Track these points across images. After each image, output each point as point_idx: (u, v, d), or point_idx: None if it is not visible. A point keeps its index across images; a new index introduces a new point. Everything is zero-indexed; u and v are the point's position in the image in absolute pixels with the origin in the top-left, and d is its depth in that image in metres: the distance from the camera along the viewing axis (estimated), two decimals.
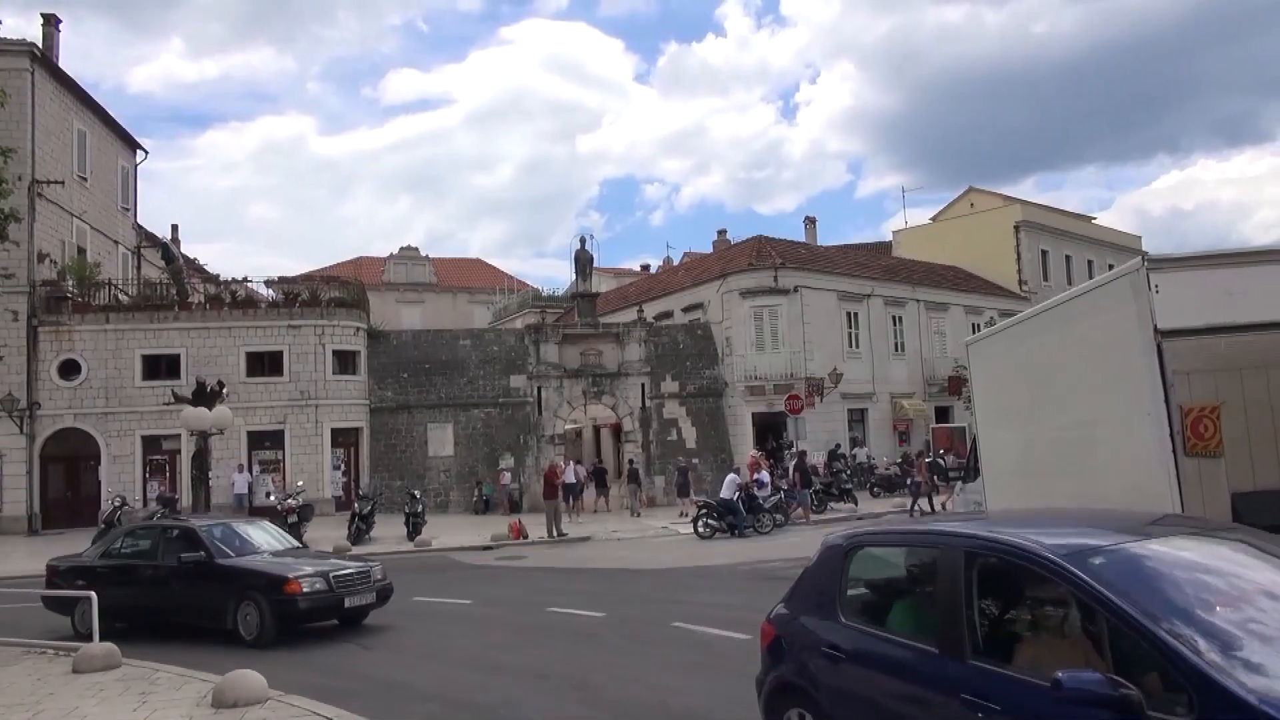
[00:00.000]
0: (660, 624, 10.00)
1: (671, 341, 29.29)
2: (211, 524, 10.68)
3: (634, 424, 27.96)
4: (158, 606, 10.18)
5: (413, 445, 26.86)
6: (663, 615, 10.45)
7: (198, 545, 10.11)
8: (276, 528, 11.58)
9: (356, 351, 26.84)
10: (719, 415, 28.76)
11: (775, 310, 28.69)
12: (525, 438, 27.40)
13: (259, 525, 11.27)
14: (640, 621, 10.20)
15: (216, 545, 10.17)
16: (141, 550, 10.57)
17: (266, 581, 9.56)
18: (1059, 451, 7.83)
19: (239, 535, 10.59)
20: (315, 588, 9.61)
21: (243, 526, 10.91)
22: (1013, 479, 9.23)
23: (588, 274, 29.40)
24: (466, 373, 27.78)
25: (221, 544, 10.23)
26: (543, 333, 28.08)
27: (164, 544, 10.35)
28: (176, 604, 10.05)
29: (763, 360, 28.27)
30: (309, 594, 9.53)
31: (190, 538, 10.23)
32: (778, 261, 29.32)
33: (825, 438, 28.48)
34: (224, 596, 9.63)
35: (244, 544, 10.44)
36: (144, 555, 10.44)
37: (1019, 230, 38.42)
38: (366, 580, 10.12)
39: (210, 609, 9.73)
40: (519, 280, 52.21)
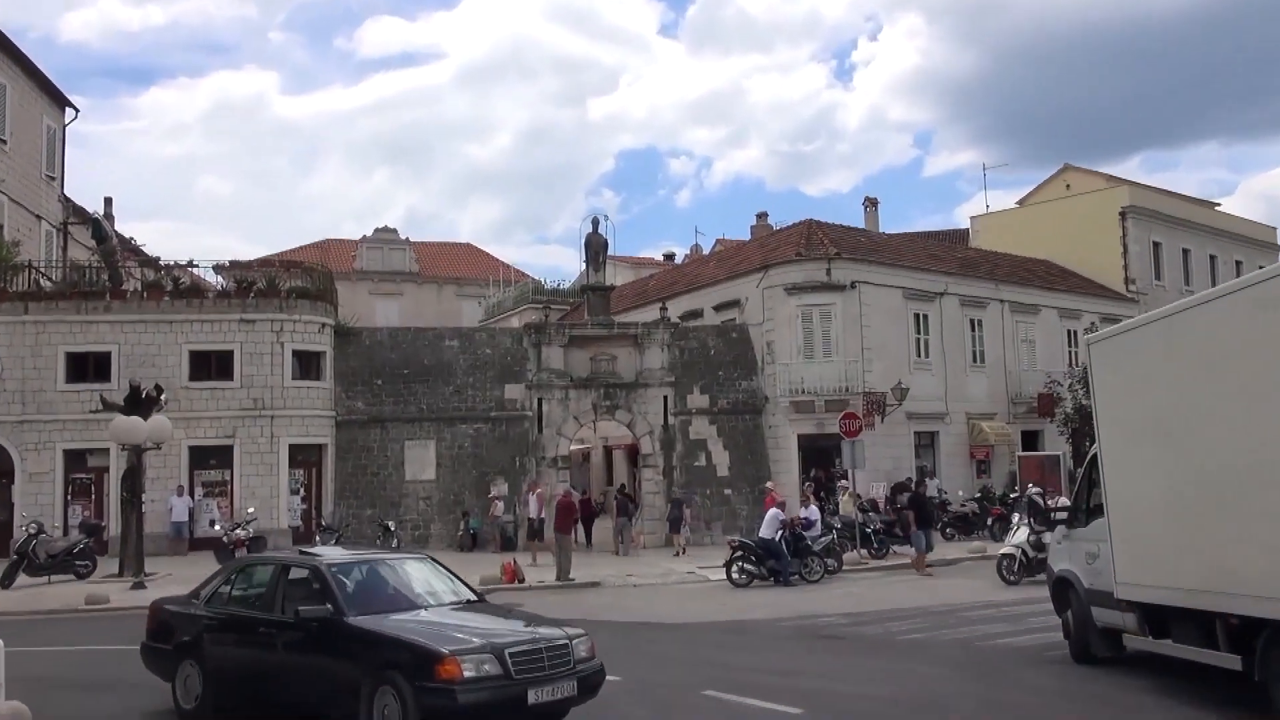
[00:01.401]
0: (689, 691, 9.86)
1: (701, 346, 29.18)
2: (350, 560, 9.00)
3: (654, 445, 27.88)
4: (267, 682, 8.50)
5: (387, 466, 26.85)
6: (691, 680, 10.31)
7: (323, 593, 8.36)
8: (446, 569, 9.53)
9: (321, 352, 26.90)
10: (757, 437, 28.62)
11: (827, 310, 28.53)
12: (522, 460, 27.34)
13: (422, 563, 9.42)
14: (664, 688, 10.06)
15: (348, 594, 8.38)
16: (253, 595, 9.05)
17: (410, 657, 7.51)
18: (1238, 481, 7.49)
19: (388, 580, 8.90)
20: (483, 671, 7.47)
21: (397, 566, 9.17)
22: (1160, 521, 8.84)
23: (600, 264, 29.40)
24: (453, 380, 27.78)
25: (358, 593, 8.47)
26: (545, 333, 28.06)
27: (282, 587, 8.74)
28: (289, 681, 8.30)
29: (811, 371, 28.10)
30: (472, 681, 7.37)
31: (315, 580, 8.54)
32: (831, 251, 29.16)
33: (887, 466, 28.25)
34: (353, 675, 7.70)
35: (394, 593, 8.71)
36: (255, 603, 8.91)
37: (1125, 218, 38.05)
38: (564, 660, 7.93)
39: (332, 694, 7.86)
40: (517, 270, 52.39)
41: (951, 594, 17.13)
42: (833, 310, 28.52)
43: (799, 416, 28.18)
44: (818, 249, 29.53)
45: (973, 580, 18.68)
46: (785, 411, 28.28)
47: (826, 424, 26.88)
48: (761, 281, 29.36)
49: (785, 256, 29.59)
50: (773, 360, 28.65)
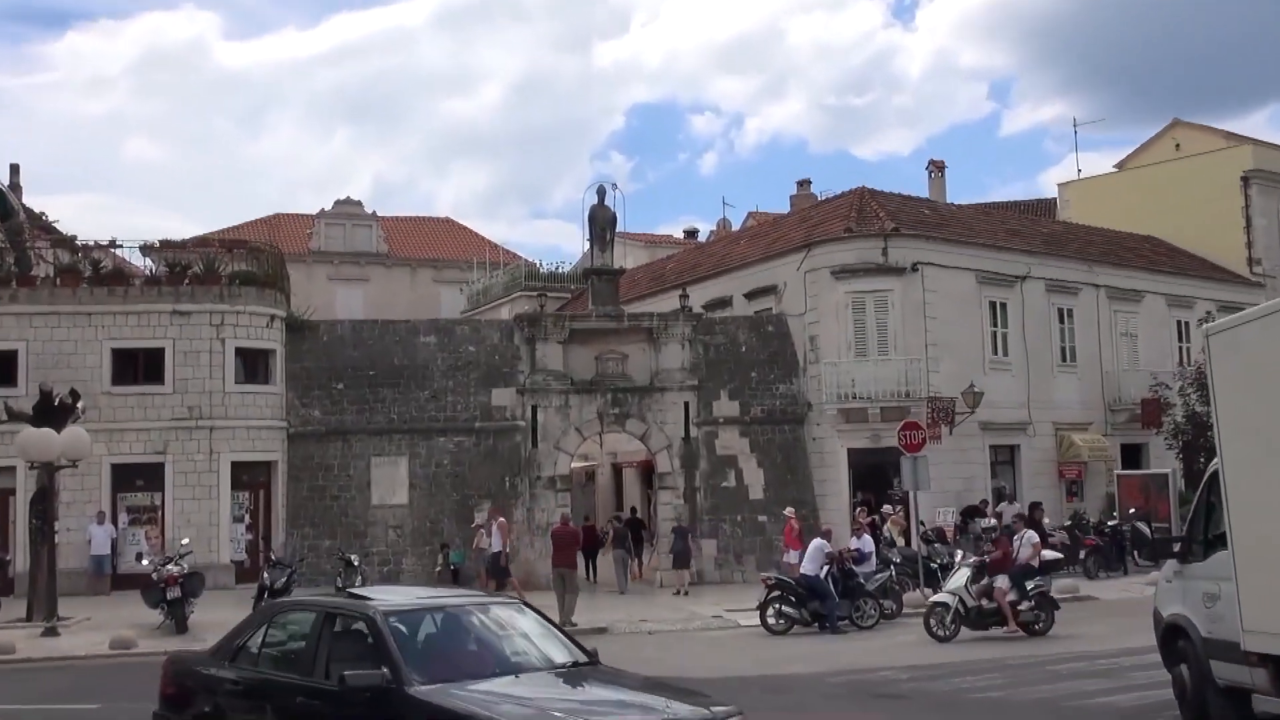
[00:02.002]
0: None
1: (729, 342, 29.13)
2: (416, 606, 8.23)
3: (673, 462, 27.86)
4: None
5: (349, 488, 26.90)
6: None
7: (377, 652, 7.45)
8: (545, 618, 8.70)
9: (270, 350, 26.96)
10: (799, 451, 28.57)
11: (884, 298, 28.44)
12: (513, 480, 27.37)
13: (514, 610, 8.58)
14: None
15: (413, 654, 7.49)
16: (290, 652, 8.34)
17: None
18: None
19: (468, 634, 8.05)
20: None
21: (480, 614, 8.29)
22: None
23: (607, 242, 29.41)
24: (429, 383, 27.81)
25: (427, 652, 7.63)
26: (541, 326, 28.07)
27: (325, 642, 7.92)
28: None
29: (864, 371, 28.02)
30: None
31: (368, 634, 7.64)
32: (887, 226, 29.08)
33: (957, 487, 28.17)
34: None
35: (476, 653, 7.85)
36: (292, 662, 8.20)
37: (1249, 184, 37.78)
38: None
39: None
40: (507, 251, 52.46)
41: (1034, 644, 17.00)
42: (890, 298, 28.40)
43: (849, 427, 28.08)
44: (871, 223, 29.42)
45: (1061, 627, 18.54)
46: (832, 421, 28.18)
47: (883, 436, 26.77)
48: (803, 263, 29.28)
49: (832, 233, 29.50)
50: (817, 359, 28.55)
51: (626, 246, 43.09)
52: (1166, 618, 11.56)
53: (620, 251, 35.52)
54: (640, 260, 44.97)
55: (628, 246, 43.90)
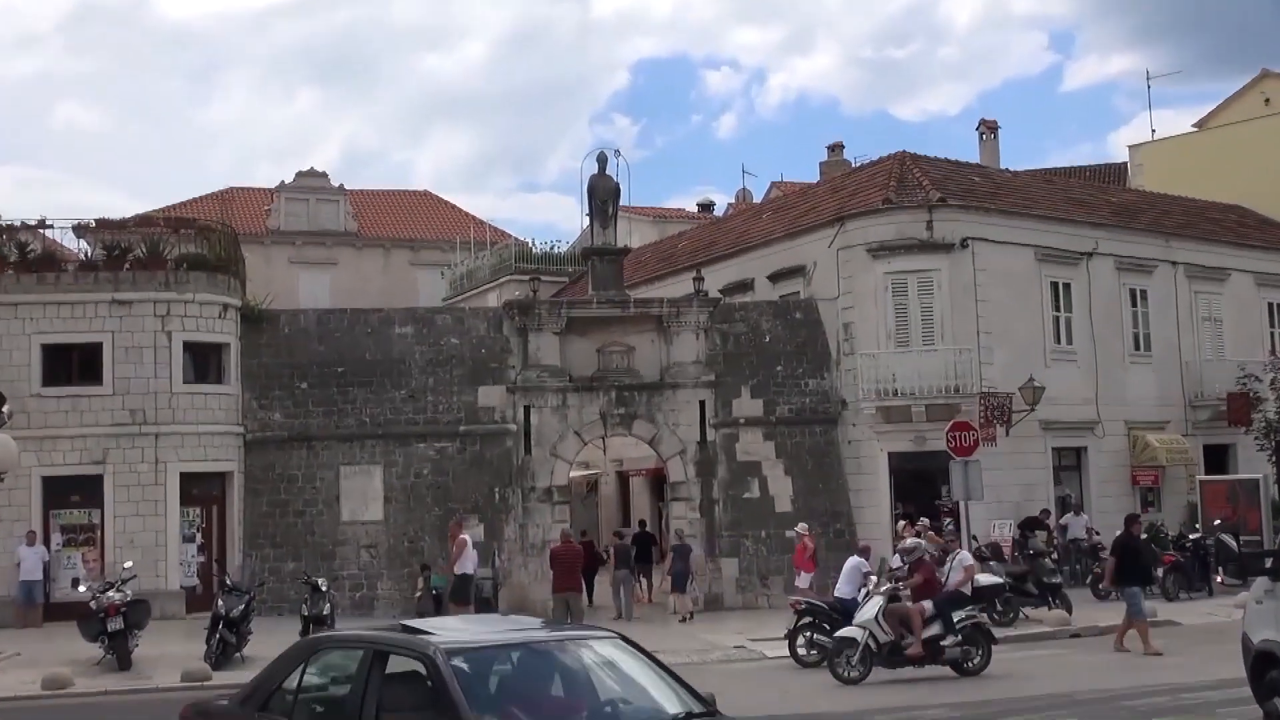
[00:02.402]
0: None
1: (751, 331, 29.16)
2: (488, 642, 7.63)
3: (687, 470, 27.87)
4: None
5: (315, 502, 26.94)
6: None
7: (437, 700, 7.02)
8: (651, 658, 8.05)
9: (224, 345, 26.99)
10: (832, 457, 28.60)
11: (929, 279, 28.40)
12: (503, 491, 27.40)
13: (612, 646, 7.91)
14: None
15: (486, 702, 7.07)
16: (333, 699, 7.96)
17: None
18: None
19: (554, 677, 7.59)
20: None
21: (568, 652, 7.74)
22: None
23: (610, 218, 29.42)
24: (406, 381, 27.84)
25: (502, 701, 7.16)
26: (534, 315, 28.07)
27: (374, 688, 7.49)
28: None
29: (907, 364, 27.98)
30: None
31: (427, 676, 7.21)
32: (932, 196, 29.03)
33: (1014, 496, 28.16)
34: None
35: (565, 703, 7.42)
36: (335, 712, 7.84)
37: None
38: None
39: None
40: (495, 228, 52.44)
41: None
42: (936, 279, 28.37)
43: (890, 428, 28.06)
44: (914, 193, 29.36)
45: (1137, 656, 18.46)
46: (870, 421, 28.17)
47: (929, 438, 26.74)
48: (836, 240, 29.24)
49: (868, 204, 29.47)
50: (852, 350, 28.54)
51: (632, 222, 43.08)
52: (1257, 644, 11.52)
53: (625, 228, 35.45)
54: (648, 238, 44.87)
55: (633, 222, 43.89)
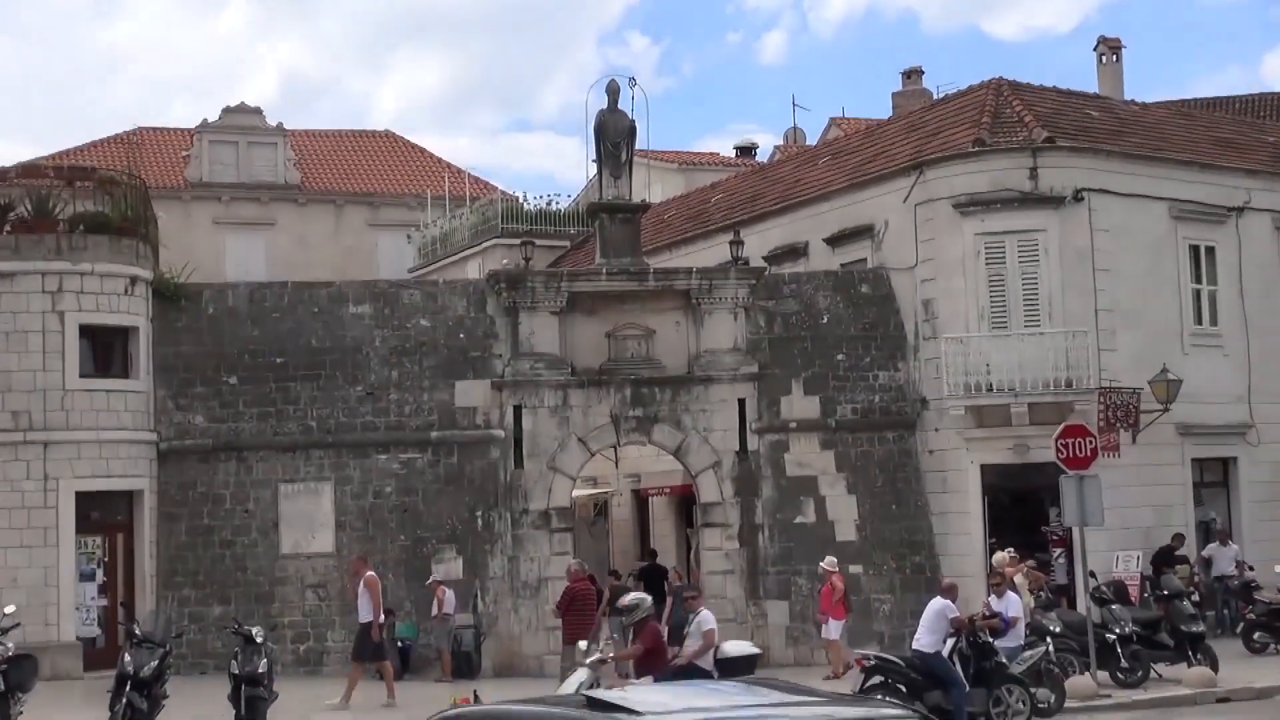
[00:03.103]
0: None
1: (805, 310, 29.08)
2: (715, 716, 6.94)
3: (723, 488, 27.80)
4: None
5: (248, 529, 26.92)
6: None
7: None
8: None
9: (130, 328, 26.96)
10: (909, 470, 28.52)
11: (1033, 242, 28.26)
12: (489, 515, 27.36)
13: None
14: None
15: None
16: None
17: None
18: None
19: None
20: None
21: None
22: None
23: (623, 165, 29.32)
24: (363, 375, 27.78)
25: None
26: (526, 290, 28.00)
27: None
28: None
29: (1006, 351, 27.83)
30: None
31: None
32: (1038, 135, 28.84)
33: (1144, 519, 28.05)
34: None
35: None
36: None
37: None
38: None
39: None
40: (476, 179, 52.27)
41: None
42: (1042, 242, 28.22)
43: (983, 434, 27.96)
44: (1014, 132, 29.20)
45: None
46: (958, 425, 28.06)
47: (1033, 446, 26.61)
48: (913, 192, 29.12)
49: (956, 146, 29.32)
50: (934, 333, 28.44)
51: (652, 171, 42.84)
52: None
53: (642, 179, 35.27)
54: (672, 191, 44.68)
55: (653, 171, 43.66)
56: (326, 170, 51.93)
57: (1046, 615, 22.78)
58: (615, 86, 29.33)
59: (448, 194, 46.43)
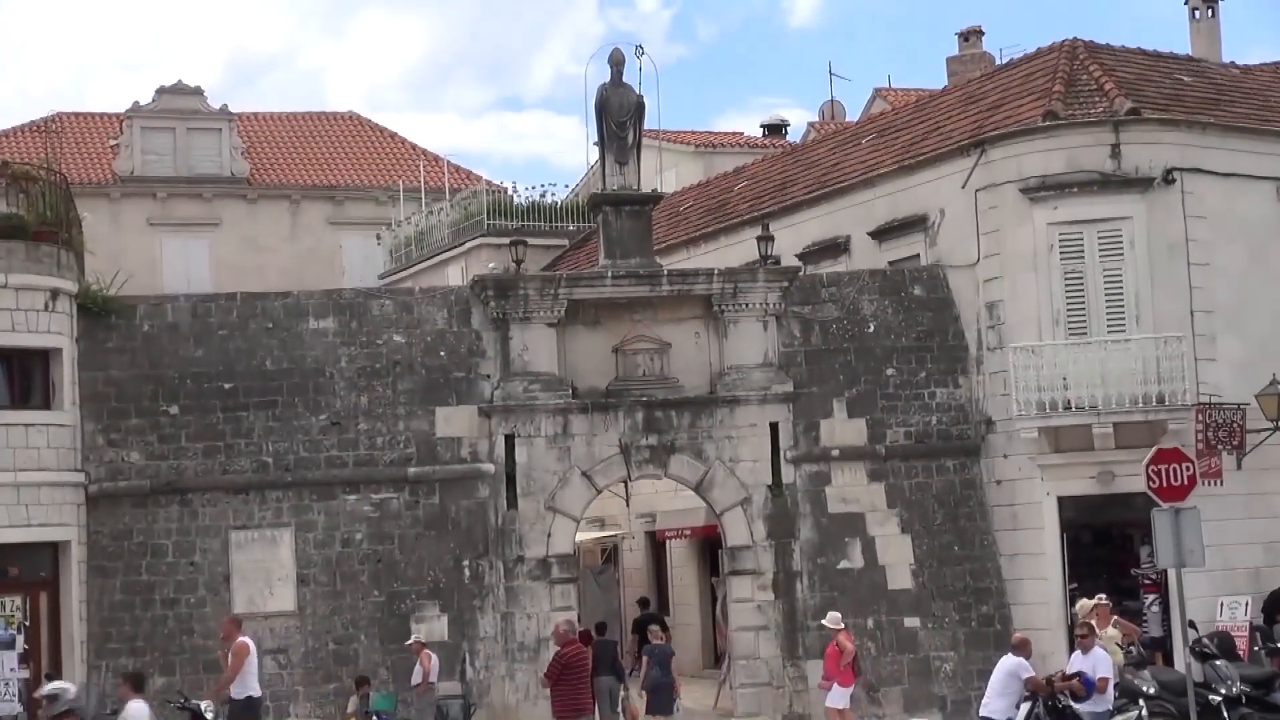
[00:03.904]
0: None
1: (847, 315, 29.17)
2: None
3: (752, 528, 27.88)
4: None
5: (195, 586, 26.93)
6: None
7: None
8: None
9: (52, 350, 27.02)
10: (973, 504, 28.58)
11: (1116, 232, 28.28)
12: (478, 565, 27.42)
13: None
14: None
15: None
16: None
17: None
18: None
19: None
20: None
21: None
22: None
23: (631, 148, 29.42)
24: (327, 401, 27.83)
25: None
26: (518, 298, 28.06)
27: None
28: None
29: (1085, 362, 27.81)
30: None
31: None
32: (1121, 106, 28.88)
33: (1252, 558, 27.96)
34: None
35: None
36: None
37: None
38: None
39: None
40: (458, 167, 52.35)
41: None
42: (1127, 231, 28.23)
43: (1059, 460, 27.99)
44: (1091, 102, 29.26)
45: None
46: (1030, 449, 28.07)
47: (1119, 473, 26.68)
48: (973, 176, 29.16)
49: (1022, 120, 29.35)
50: (1000, 342, 28.48)
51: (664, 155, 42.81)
52: None
53: (653, 164, 35.29)
54: (689, 178, 44.77)
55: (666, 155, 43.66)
56: (280, 160, 52.07)
57: (1139, 674, 22.77)
58: (620, 56, 29.44)
59: (423, 186, 46.65)
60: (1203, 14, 40.72)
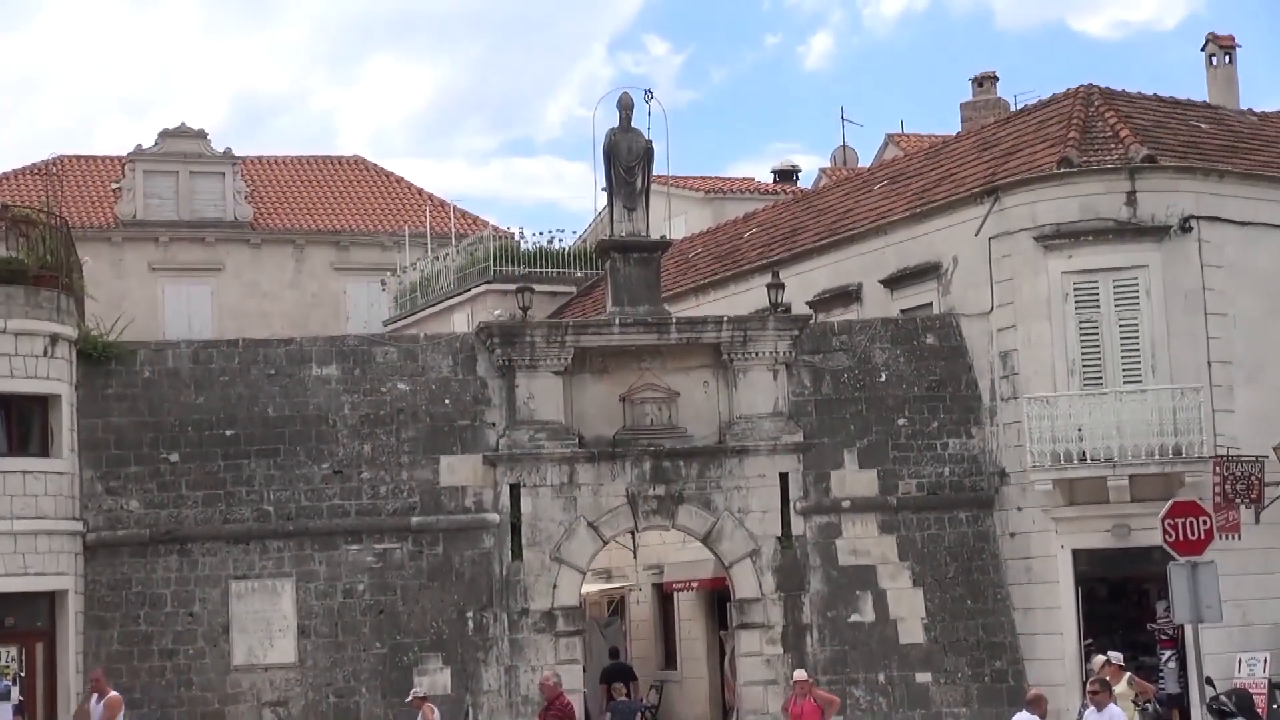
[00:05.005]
0: None
1: (859, 366, 29.19)
2: None
3: (761, 580, 27.87)
4: None
5: (194, 637, 26.87)
6: None
7: None
8: None
9: (51, 397, 27.04)
10: (986, 556, 28.57)
11: (1132, 281, 28.30)
12: (482, 617, 27.39)
13: None
14: None
15: None
16: None
17: None
18: None
19: None
20: None
21: None
22: None
23: (638, 195, 29.51)
24: (330, 450, 27.86)
25: None
26: (525, 345, 28.11)
27: None
28: None
29: (1100, 413, 27.79)
30: None
31: None
32: (1136, 153, 28.93)
33: (1275, 617, 27.85)
34: None
35: None
36: None
37: None
38: None
39: None
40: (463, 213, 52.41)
41: None
42: (1143, 280, 28.24)
43: (1075, 513, 27.96)
44: (1108, 149, 29.30)
45: None
46: (1045, 502, 28.06)
47: (1135, 527, 26.67)
48: (986, 223, 29.21)
49: (1037, 166, 29.41)
50: (1014, 392, 28.50)
51: (673, 201, 42.99)
52: None
53: (662, 210, 35.40)
54: (698, 224, 44.78)
55: (675, 201, 43.82)
56: (285, 205, 52.12)
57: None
58: (628, 100, 29.57)
59: (429, 231, 46.66)
60: (1219, 61, 40.86)
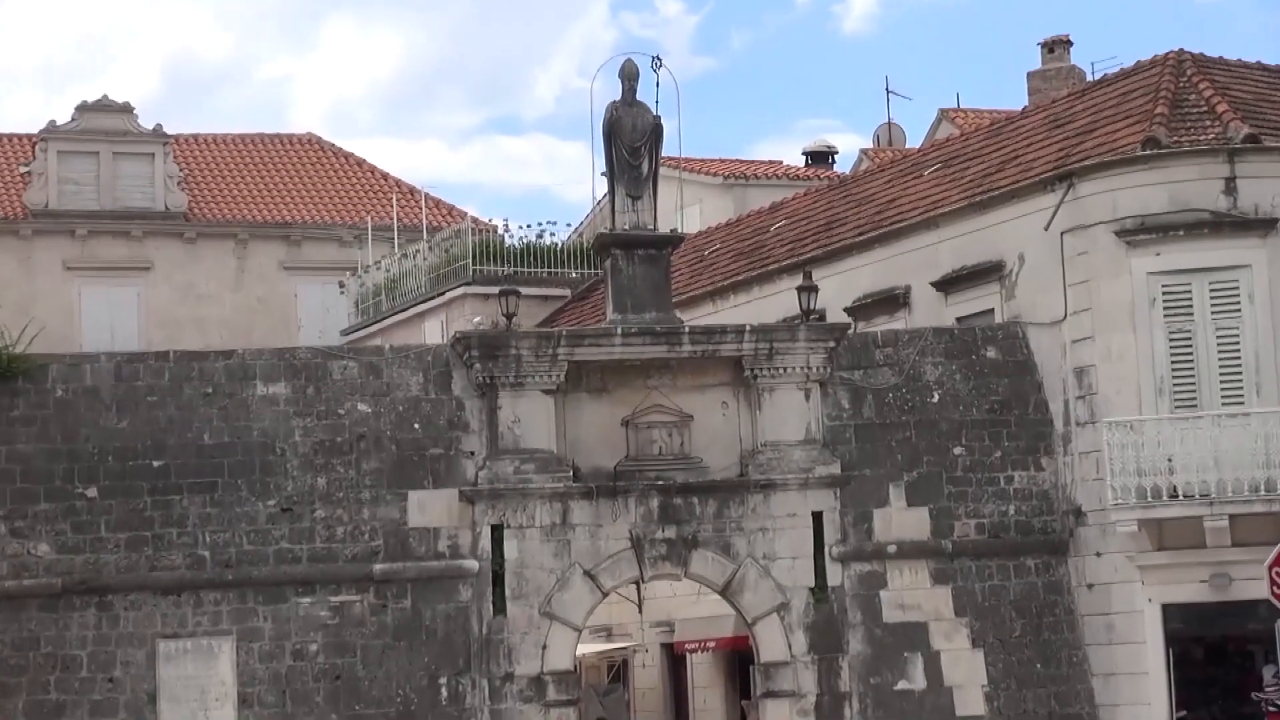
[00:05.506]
0: None
1: (908, 384, 29.20)
2: None
3: (791, 640, 27.83)
4: None
5: (115, 707, 26.84)
6: None
7: None
8: None
9: None
10: (1059, 612, 28.57)
11: (1232, 284, 28.36)
12: (458, 684, 27.34)
13: None
14: None
15: None
16: None
17: None
18: None
19: None
20: None
21: None
22: None
23: (646, 179, 29.52)
24: (278, 483, 27.81)
25: None
26: (509, 359, 28.11)
27: None
28: None
29: (1193, 439, 27.78)
30: None
31: None
32: (1237, 131, 28.93)
33: None
34: None
35: None
36: None
37: None
38: None
39: None
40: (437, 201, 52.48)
41: None
42: (1245, 283, 28.30)
43: (1165, 559, 27.94)
44: (1200, 127, 29.37)
45: None
46: (1128, 547, 28.02)
47: (1236, 576, 26.67)
48: (1057, 215, 29.24)
49: (1119, 148, 29.44)
50: (1092, 415, 28.49)
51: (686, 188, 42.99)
52: None
53: (671, 198, 35.37)
54: (715, 215, 44.93)
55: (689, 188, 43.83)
56: (225, 192, 52.29)
57: None
58: (633, 69, 29.51)
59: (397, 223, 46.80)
60: None
